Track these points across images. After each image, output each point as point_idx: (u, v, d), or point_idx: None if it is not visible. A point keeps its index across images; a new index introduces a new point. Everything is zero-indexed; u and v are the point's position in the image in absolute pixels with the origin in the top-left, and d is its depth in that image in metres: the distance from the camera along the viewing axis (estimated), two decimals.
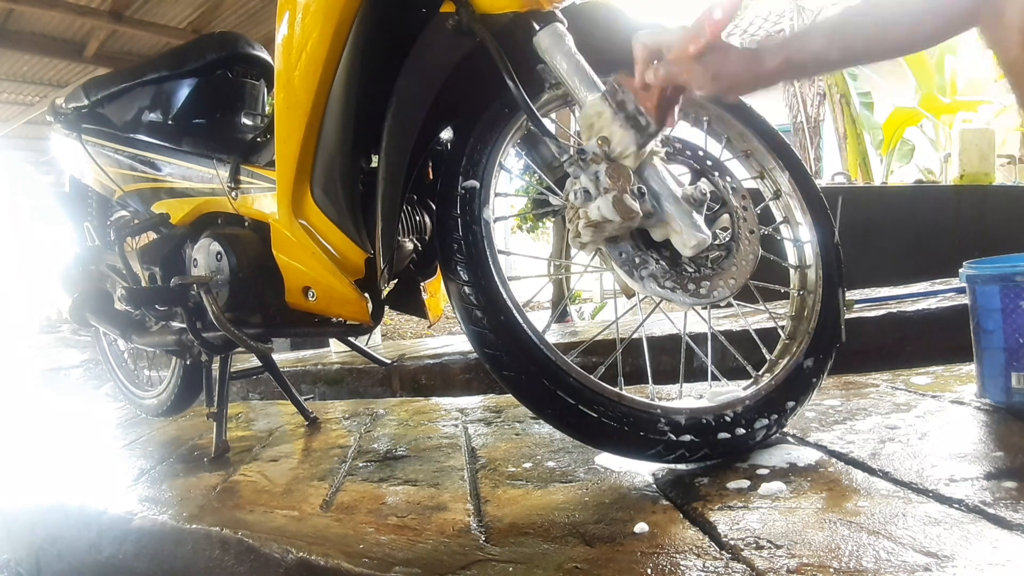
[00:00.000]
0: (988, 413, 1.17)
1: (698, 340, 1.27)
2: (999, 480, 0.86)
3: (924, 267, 3.30)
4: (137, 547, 1.12)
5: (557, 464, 1.16)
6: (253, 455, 1.49)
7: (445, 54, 1.05)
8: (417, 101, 1.06)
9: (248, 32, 3.41)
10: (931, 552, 0.69)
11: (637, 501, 0.94)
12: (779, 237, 1.29)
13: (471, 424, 1.56)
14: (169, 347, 1.56)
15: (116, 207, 1.86)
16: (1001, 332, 1.18)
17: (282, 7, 1.15)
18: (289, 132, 1.16)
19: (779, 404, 1.09)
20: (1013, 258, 1.23)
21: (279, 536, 0.95)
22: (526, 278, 1.73)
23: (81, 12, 5.23)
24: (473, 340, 1.03)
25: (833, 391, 1.44)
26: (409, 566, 0.80)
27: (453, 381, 2.62)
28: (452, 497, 1.05)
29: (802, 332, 1.18)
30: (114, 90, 1.70)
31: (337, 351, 3.41)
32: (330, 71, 1.11)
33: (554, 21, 1.01)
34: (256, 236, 1.36)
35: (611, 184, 0.92)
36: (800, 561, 0.70)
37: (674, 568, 0.73)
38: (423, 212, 1.30)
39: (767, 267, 1.17)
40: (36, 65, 6.19)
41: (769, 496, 0.90)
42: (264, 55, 1.70)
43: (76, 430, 2.13)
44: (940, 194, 4.34)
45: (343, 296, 1.18)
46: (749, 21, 9.95)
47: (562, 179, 1.14)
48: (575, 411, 0.98)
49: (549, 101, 1.14)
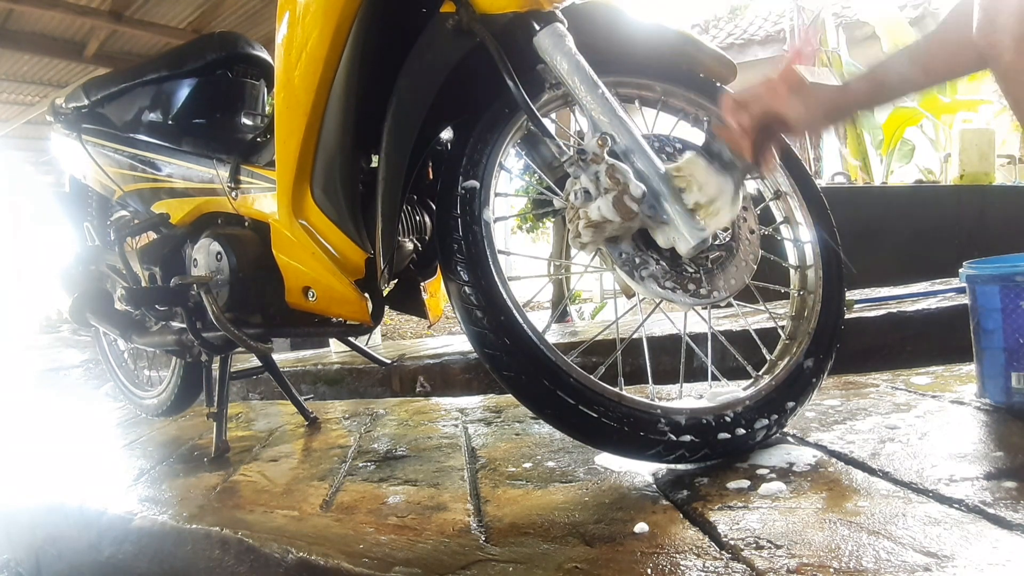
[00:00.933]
0: (988, 413, 1.17)
1: (698, 340, 1.27)
2: (999, 480, 0.86)
3: (924, 267, 3.30)
4: (137, 547, 1.12)
5: (557, 464, 1.16)
6: (253, 455, 1.49)
7: (445, 54, 1.05)
8: (417, 101, 1.06)
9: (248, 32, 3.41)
10: (931, 552, 0.69)
11: (637, 501, 0.94)
12: (779, 237, 1.29)
13: (471, 424, 1.56)
14: (169, 347, 1.56)
15: (116, 207, 1.86)
16: (1001, 332, 1.18)
17: (282, 7, 1.15)
18: (289, 132, 1.16)
19: (779, 404, 1.09)
20: (1013, 258, 1.23)
21: (279, 536, 0.95)
22: (526, 278, 1.73)
23: (81, 12, 5.23)
24: (473, 340, 1.03)
25: (833, 391, 1.44)
26: (409, 566, 0.80)
27: (453, 381, 2.63)
28: (452, 497, 1.05)
29: (802, 332, 1.18)
30: (114, 90, 1.70)
31: (337, 351, 3.41)
32: (330, 71, 1.11)
33: (554, 21, 1.01)
34: (256, 236, 1.36)
35: (611, 184, 0.92)
36: (800, 561, 0.70)
37: (674, 568, 0.73)
38: (423, 212, 1.30)
39: (767, 267, 1.17)
40: (36, 65, 6.18)
41: (769, 496, 0.90)
42: (264, 55, 1.70)
43: (76, 430, 2.13)
44: (940, 194, 4.33)
45: (343, 296, 1.18)
46: (749, 21, 9.96)
47: (562, 179, 1.14)
48: (575, 411, 0.98)
49: (549, 101, 1.14)
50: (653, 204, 0.96)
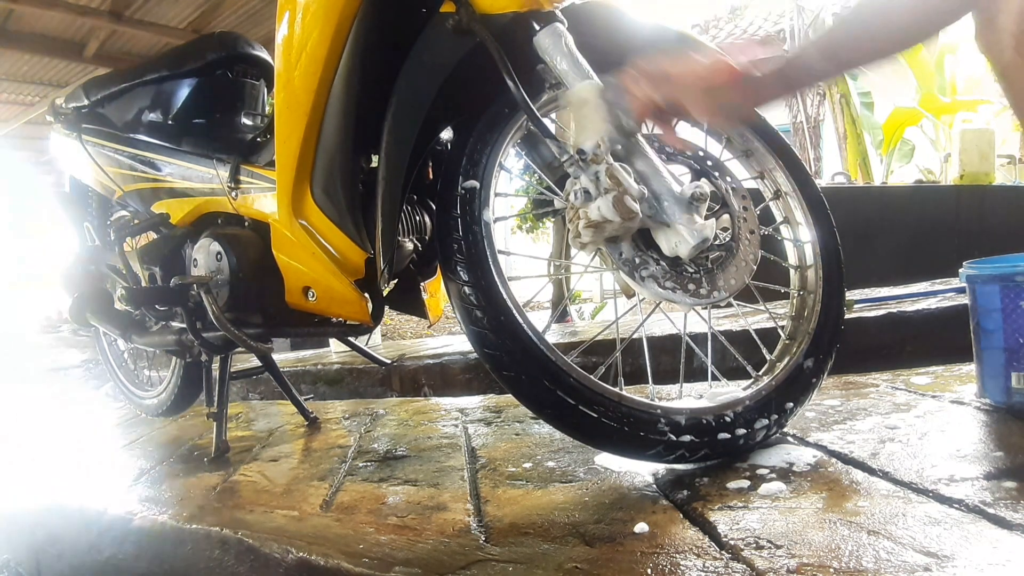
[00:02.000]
0: (988, 413, 1.17)
1: (698, 340, 1.27)
2: (999, 480, 0.86)
3: (924, 267, 3.30)
4: (137, 547, 1.12)
5: (557, 464, 1.16)
6: (253, 455, 1.49)
7: (445, 54, 1.05)
8: (417, 101, 1.06)
9: (248, 32, 3.42)
10: (931, 552, 0.69)
11: (637, 501, 0.94)
12: (779, 237, 1.29)
13: (471, 424, 1.56)
14: (169, 347, 1.56)
15: (116, 207, 1.86)
16: (1001, 332, 1.18)
17: (282, 7, 1.15)
18: (289, 132, 1.16)
19: (779, 404, 1.09)
20: (1013, 258, 1.23)
21: (279, 536, 0.95)
22: (526, 278, 1.73)
23: (81, 12, 5.23)
24: (473, 340, 1.03)
25: (833, 391, 1.44)
26: (409, 566, 0.80)
27: (453, 381, 2.63)
28: (452, 497, 1.05)
29: (802, 332, 1.18)
30: (114, 90, 1.70)
31: (337, 351, 3.41)
32: (330, 71, 1.11)
33: (554, 21, 1.01)
34: (256, 236, 1.36)
35: (611, 184, 0.92)
36: (800, 561, 0.70)
37: (674, 568, 0.73)
38: (423, 212, 1.30)
39: (767, 267, 1.17)
40: (36, 65, 6.19)
41: (769, 496, 0.90)
42: (264, 55, 1.70)
43: (76, 430, 2.13)
44: (940, 194, 4.33)
45: (343, 296, 1.18)
46: (749, 21, 9.95)
47: (562, 179, 1.14)
48: (575, 411, 0.98)
49: (549, 101, 1.14)
50: (653, 204, 0.96)
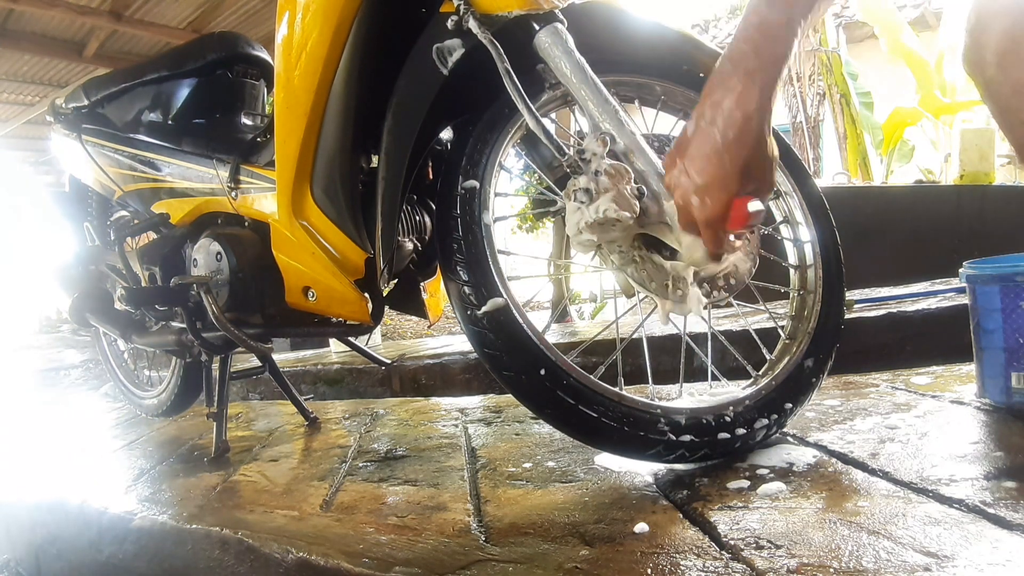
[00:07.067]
0: (988, 413, 1.17)
1: (698, 340, 1.27)
2: (999, 480, 0.86)
3: (924, 267, 3.30)
4: (137, 547, 1.12)
5: (557, 464, 1.16)
6: (253, 455, 1.49)
7: (445, 54, 1.05)
8: (417, 101, 1.06)
9: (248, 32, 3.42)
10: (931, 552, 0.69)
11: (637, 501, 0.94)
12: (779, 237, 1.29)
13: (471, 424, 1.56)
14: (169, 347, 1.56)
15: (116, 207, 1.86)
16: (1001, 332, 1.18)
17: (282, 7, 1.15)
18: (289, 132, 1.16)
19: (779, 404, 1.09)
20: (1013, 258, 1.23)
21: (279, 536, 0.95)
22: (526, 278, 1.73)
23: (81, 12, 5.24)
24: (473, 340, 1.03)
25: (833, 391, 1.44)
26: (409, 566, 0.80)
27: (453, 381, 2.62)
28: (452, 497, 1.05)
29: (802, 332, 1.18)
30: (114, 90, 1.70)
31: (337, 351, 3.41)
32: (330, 71, 1.11)
33: (554, 21, 1.01)
34: (256, 236, 1.36)
35: (611, 184, 0.92)
36: (800, 561, 0.70)
37: (674, 568, 0.73)
38: (423, 212, 1.30)
39: (767, 267, 1.17)
40: (36, 65, 6.19)
41: (769, 496, 0.90)
42: (264, 55, 1.70)
43: (76, 430, 2.13)
44: (940, 194, 4.33)
45: (343, 296, 1.18)
46: None
47: (562, 179, 1.14)
48: (575, 411, 0.98)
49: (549, 101, 1.14)
50: (653, 204, 0.95)
